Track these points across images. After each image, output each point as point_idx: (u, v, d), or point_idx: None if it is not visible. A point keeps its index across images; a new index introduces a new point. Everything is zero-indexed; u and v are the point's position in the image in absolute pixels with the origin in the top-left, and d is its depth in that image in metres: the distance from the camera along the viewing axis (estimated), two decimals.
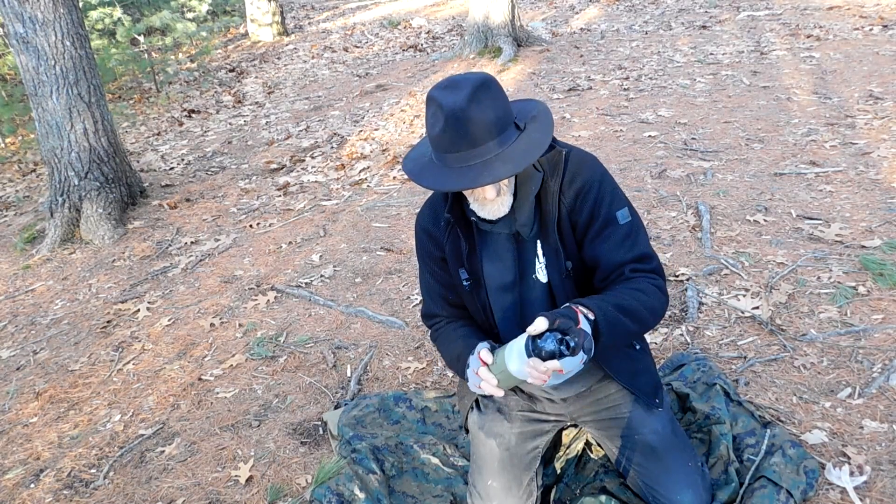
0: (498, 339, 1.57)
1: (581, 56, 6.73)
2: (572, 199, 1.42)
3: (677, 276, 2.71)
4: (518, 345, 1.23)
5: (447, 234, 1.52)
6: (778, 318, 2.35)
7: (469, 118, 1.25)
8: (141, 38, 8.39)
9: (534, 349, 1.17)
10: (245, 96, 7.60)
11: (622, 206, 1.42)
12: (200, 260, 3.71)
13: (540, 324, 1.16)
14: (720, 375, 2.02)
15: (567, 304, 1.28)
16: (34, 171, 5.99)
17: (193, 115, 7.08)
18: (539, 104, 1.41)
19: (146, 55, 8.35)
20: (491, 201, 1.37)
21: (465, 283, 1.52)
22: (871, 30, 5.95)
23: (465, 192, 1.41)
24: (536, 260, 1.47)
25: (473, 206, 1.42)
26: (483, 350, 1.34)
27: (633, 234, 1.42)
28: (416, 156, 1.42)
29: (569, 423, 1.74)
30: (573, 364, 1.19)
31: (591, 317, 1.25)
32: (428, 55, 7.95)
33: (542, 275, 1.47)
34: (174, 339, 2.96)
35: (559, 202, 1.42)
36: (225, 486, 2.06)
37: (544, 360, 1.15)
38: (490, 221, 1.45)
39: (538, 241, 1.46)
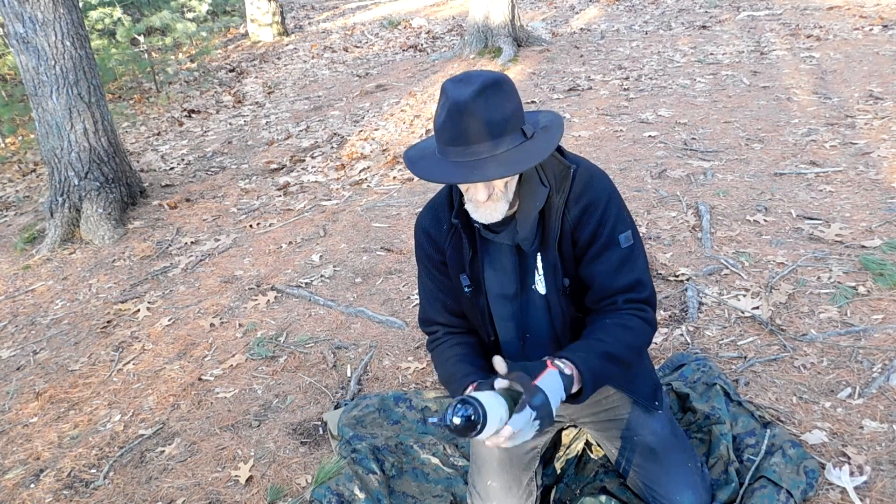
0: (496, 348, 1.57)
1: (581, 56, 6.72)
2: (577, 216, 1.40)
3: (677, 276, 2.71)
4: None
5: (449, 237, 1.50)
6: (778, 318, 2.35)
7: (471, 113, 1.24)
8: (141, 38, 8.39)
9: (442, 419, 1.14)
10: (245, 96, 7.60)
11: (626, 230, 1.41)
12: (200, 260, 3.71)
13: (500, 382, 1.25)
14: (720, 375, 2.02)
15: (543, 359, 1.33)
16: (34, 171, 5.99)
17: (193, 115, 7.08)
18: (555, 116, 1.40)
19: (146, 55, 8.35)
20: (483, 204, 1.35)
21: (466, 289, 1.51)
22: (871, 30, 5.95)
23: (463, 191, 1.40)
24: (536, 272, 1.46)
25: (468, 207, 1.41)
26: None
27: (631, 258, 1.41)
28: (422, 145, 1.42)
29: (568, 424, 1.74)
30: (522, 422, 1.18)
31: (568, 372, 1.30)
32: (428, 55, 7.95)
33: (541, 286, 1.47)
34: (174, 339, 2.96)
35: (563, 218, 1.40)
36: (225, 486, 2.06)
37: (454, 429, 1.13)
38: (493, 231, 1.44)
39: (538, 255, 1.45)
